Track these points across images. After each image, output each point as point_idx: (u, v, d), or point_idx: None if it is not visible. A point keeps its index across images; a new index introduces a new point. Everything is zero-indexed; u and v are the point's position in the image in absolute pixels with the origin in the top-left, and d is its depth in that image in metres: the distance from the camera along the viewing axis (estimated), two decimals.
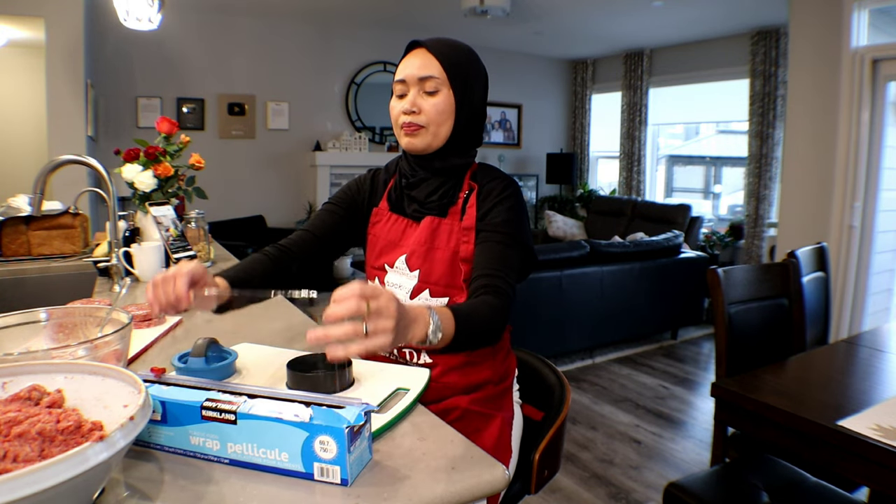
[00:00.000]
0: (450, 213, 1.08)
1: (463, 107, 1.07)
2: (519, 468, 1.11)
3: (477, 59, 1.11)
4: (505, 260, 1.02)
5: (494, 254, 1.02)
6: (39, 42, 3.95)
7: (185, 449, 0.72)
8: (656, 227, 5.02)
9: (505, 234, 1.04)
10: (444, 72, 1.04)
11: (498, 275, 0.99)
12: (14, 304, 1.77)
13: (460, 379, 1.09)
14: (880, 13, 3.43)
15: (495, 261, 1.01)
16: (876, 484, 1.15)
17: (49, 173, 1.45)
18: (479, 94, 1.10)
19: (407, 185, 1.13)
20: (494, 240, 1.04)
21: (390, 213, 1.14)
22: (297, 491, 0.66)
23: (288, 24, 5.48)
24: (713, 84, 5.87)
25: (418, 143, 1.06)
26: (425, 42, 1.06)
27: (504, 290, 0.97)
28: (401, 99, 1.07)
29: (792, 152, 3.73)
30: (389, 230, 1.13)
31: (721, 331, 1.68)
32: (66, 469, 0.48)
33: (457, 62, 1.06)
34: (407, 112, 1.05)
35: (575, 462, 2.50)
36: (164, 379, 0.78)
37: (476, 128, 1.12)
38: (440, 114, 1.05)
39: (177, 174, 1.92)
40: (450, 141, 1.08)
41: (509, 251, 1.03)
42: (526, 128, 7.12)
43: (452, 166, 1.10)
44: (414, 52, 1.07)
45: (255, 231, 5.16)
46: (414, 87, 1.05)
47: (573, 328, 3.62)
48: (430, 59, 1.04)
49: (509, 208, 1.06)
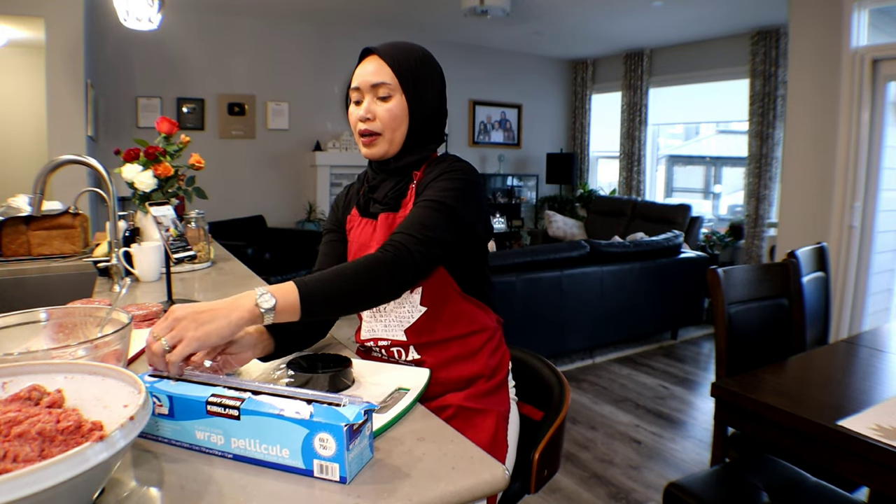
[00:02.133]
0: (402, 205, 1.10)
1: (416, 109, 1.09)
2: (518, 468, 1.11)
3: (430, 61, 1.12)
4: (415, 219, 0.99)
5: (408, 219, 1.00)
6: (39, 42, 3.96)
7: (190, 443, 0.74)
8: (656, 227, 5.02)
9: (428, 199, 1.01)
10: (395, 77, 1.06)
11: (399, 233, 0.96)
12: (14, 304, 1.77)
13: (450, 374, 1.10)
14: (880, 13, 3.43)
15: (405, 224, 0.98)
16: (876, 484, 1.15)
17: (49, 173, 1.45)
18: (433, 94, 1.11)
19: (370, 189, 1.16)
20: (417, 205, 1.02)
21: (360, 218, 1.17)
22: (297, 488, 0.66)
23: (288, 24, 5.48)
24: (713, 84, 5.87)
25: (376, 151, 1.09)
26: (377, 49, 1.08)
27: (395, 243, 0.94)
28: (357, 105, 1.10)
29: (792, 152, 3.74)
30: (360, 234, 1.15)
31: (721, 331, 1.68)
32: (66, 469, 0.48)
33: (407, 66, 1.07)
34: (362, 119, 1.08)
35: (575, 462, 2.50)
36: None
37: (434, 127, 1.14)
38: (393, 119, 1.07)
39: (177, 174, 1.92)
40: (406, 143, 1.10)
41: (427, 212, 1.00)
42: (526, 128, 7.12)
43: (407, 164, 1.12)
44: (367, 59, 1.09)
45: (255, 231, 5.16)
46: (368, 93, 1.08)
47: (573, 328, 3.62)
48: (382, 65, 1.06)
49: (446, 178, 1.04)
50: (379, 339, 1.13)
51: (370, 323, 1.13)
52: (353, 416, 0.66)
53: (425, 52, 1.12)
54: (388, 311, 1.10)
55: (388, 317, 1.11)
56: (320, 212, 5.67)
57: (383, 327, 1.11)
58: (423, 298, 1.07)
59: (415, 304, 1.08)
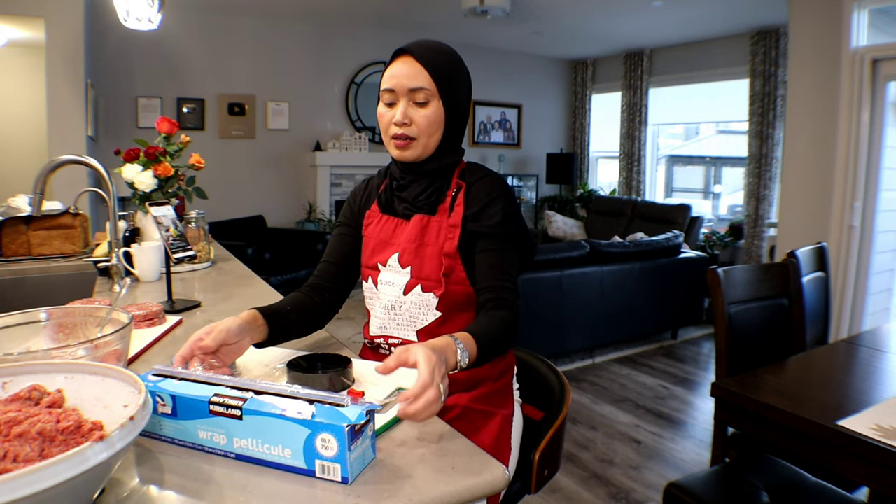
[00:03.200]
0: (438, 210, 1.10)
1: (452, 115, 1.09)
2: (519, 468, 1.11)
3: (461, 62, 1.12)
4: (506, 267, 1.06)
5: (495, 263, 1.06)
6: (39, 42, 3.96)
7: (193, 442, 0.74)
8: (656, 227, 5.02)
9: (502, 238, 1.07)
10: (433, 83, 1.05)
11: (504, 286, 1.04)
12: (14, 304, 1.77)
13: (457, 374, 1.10)
14: (880, 13, 3.43)
15: (498, 270, 1.05)
16: (876, 484, 1.15)
17: (49, 173, 1.45)
18: (465, 97, 1.12)
19: (398, 188, 1.15)
20: (493, 247, 1.07)
21: (381, 215, 1.16)
22: (298, 487, 0.66)
23: (288, 24, 5.48)
24: (713, 84, 5.87)
25: (409, 155, 1.09)
26: (412, 49, 1.06)
27: (511, 300, 1.03)
28: (389, 107, 1.08)
29: (792, 152, 3.74)
30: (381, 230, 1.15)
31: (721, 331, 1.68)
32: (66, 469, 0.48)
33: (445, 72, 1.06)
34: (398, 123, 1.06)
35: (575, 462, 2.50)
36: (176, 373, 0.78)
37: (464, 128, 1.15)
38: (431, 125, 1.06)
39: (177, 174, 1.92)
40: (439, 147, 1.10)
41: (509, 255, 1.08)
42: (526, 128, 7.12)
43: (441, 167, 1.12)
44: (401, 59, 1.06)
45: (255, 231, 5.16)
46: (404, 97, 1.06)
47: (573, 328, 3.62)
48: (419, 68, 1.04)
49: (502, 207, 1.08)
50: (389, 337, 1.13)
51: (382, 320, 1.13)
52: (354, 417, 0.66)
53: (455, 53, 1.11)
54: (404, 311, 1.10)
55: (402, 316, 1.11)
56: (320, 212, 5.67)
57: (396, 325, 1.12)
58: (441, 304, 1.08)
59: (431, 308, 1.08)
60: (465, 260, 1.08)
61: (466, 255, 1.08)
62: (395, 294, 1.10)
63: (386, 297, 1.12)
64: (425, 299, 1.08)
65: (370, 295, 1.16)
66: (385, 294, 1.12)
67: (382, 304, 1.12)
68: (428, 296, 1.08)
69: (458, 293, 1.08)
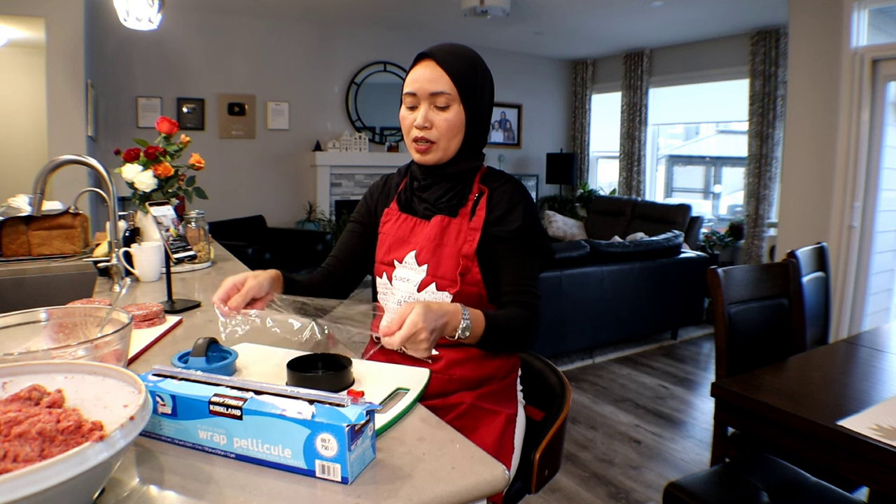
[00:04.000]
0: (460, 213, 1.12)
1: (473, 119, 1.10)
2: (519, 468, 1.11)
3: (483, 67, 1.13)
4: (528, 271, 1.10)
5: (518, 268, 1.09)
6: (39, 42, 3.96)
7: (193, 442, 0.74)
8: (656, 227, 5.02)
9: (523, 243, 1.10)
10: (454, 87, 1.06)
11: (525, 289, 1.08)
12: (14, 304, 1.77)
13: (465, 373, 1.11)
14: (880, 13, 3.43)
15: (520, 275, 1.09)
16: (876, 484, 1.15)
17: (49, 173, 1.45)
18: (487, 101, 1.13)
19: (419, 188, 1.17)
20: (515, 253, 1.09)
21: (400, 213, 1.18)
22: (297, 487, 0.66)
23: (288, 24, 5.48)
24: (713, 84, 5.87)
25: (430, 158, 1.11)
26: (434, 54, 1.07)
27: (532, 304, 1.07)
28: (411, 111, 1.10)
29: (792, 152, 3.73)
30: (399, 228, 1.16)
31: (721, 331, 1.68)
32: (66, 469, 0.48)
33: (466, 76, 1.08)
34: (420, 127, 1.08)
35: (575, 462, 2.50)
36: (176, 373, 0.78)
37: (486, 133, 1.16)
38: (451, 128, 1.08)
39: (177, 174, 1.92)
40: (460, 151, 1.12)
41: (531, 261, 1.11)
42: (526, 128, 7.12)
43: (463, 171, 1.14)
44: (423, 63, 1.08)
45: (255, 231, 5.16)
46: (425, 101, 1.08)
47: (573, 328, 3.62)
48: (440, 73, 1.06)
49: (523, 213, 1.10)
50: None
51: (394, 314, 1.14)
52: (354, 417, 0.66)
53: (478, 58, 1.13)
54: None
55: None
56: (320, 212, 5.67)
57: None
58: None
59: None
60: (481, 262, 1.10)
61: (483, 257, 1.10)
62: (408, 290, 1.12)
63: (399, 292, 1.13)
64: (439, 297, 1.09)
65: (384, 291, 1.18)
66: (399, 290, 1.14)
67: (395, 300, 1.14)
68: (442, 294, 1.09)
69: (472, 294, 1.10)
